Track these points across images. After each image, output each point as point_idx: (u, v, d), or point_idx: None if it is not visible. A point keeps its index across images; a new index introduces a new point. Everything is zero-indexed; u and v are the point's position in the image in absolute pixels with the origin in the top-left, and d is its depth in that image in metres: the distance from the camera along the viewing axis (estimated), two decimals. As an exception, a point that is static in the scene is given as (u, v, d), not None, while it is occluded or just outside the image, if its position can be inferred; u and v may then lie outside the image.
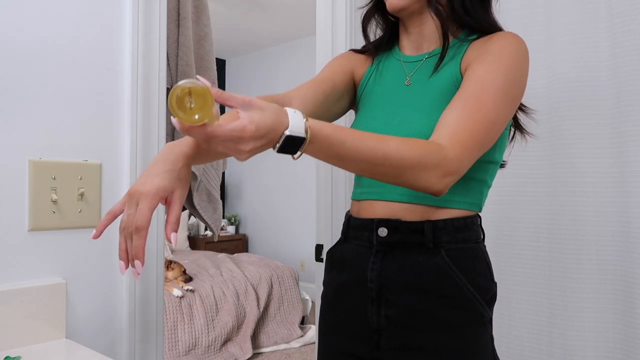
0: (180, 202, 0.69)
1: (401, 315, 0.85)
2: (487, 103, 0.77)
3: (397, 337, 0.85)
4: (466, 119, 0.76)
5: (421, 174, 0.71)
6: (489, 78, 0.79)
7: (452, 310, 0.83)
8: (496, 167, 0.90)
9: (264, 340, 3.42)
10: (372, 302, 0.87)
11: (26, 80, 0.95)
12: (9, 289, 0.90)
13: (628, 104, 1.25)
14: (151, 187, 0.66)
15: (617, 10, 1.27)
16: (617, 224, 1.27)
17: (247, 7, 4.22)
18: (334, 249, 0.98)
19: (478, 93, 0.78)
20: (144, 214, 0.65)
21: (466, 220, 0.85)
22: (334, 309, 0.95)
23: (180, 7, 1.41)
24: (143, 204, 0.66)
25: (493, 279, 0.89)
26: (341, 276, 0.94)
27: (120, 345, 1.07)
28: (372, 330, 0.87)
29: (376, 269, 0.86)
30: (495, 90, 0.78)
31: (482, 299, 0.84)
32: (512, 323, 1.44)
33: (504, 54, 0.81)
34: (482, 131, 0.76)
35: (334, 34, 1.57)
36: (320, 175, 1.60)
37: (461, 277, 0.83)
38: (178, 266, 3.44)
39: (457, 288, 0.83)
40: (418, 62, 0.93)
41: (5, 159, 0.93)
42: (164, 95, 1.14)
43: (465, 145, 0.74)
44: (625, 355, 1.26)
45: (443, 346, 0.82)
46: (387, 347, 0.86)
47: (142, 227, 0.65)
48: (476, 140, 0.76)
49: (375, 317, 0.87)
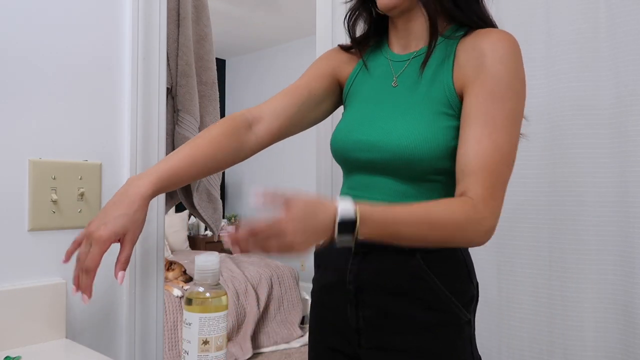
0: (132, 243, 0.76)
1: (377, 317, 0.86)
2: (502, 138, 0.78)
3: (374, 337, 0.86)
4: (489, 164, 0.76)
5: (466, 237, 0.76)
6: (496, 109, 0.78)
7: (427, 312, 0.83)
8: None
9: (264, 340, 3.42)
10: (350, 303, 0.88)
11: (26, 80, 0.95)
12: (9, 289, 0.90)
13: (628, 104, 1.25)
14: (104, 232, 0.72)
15: (617, 10, 1.27)
16: (617, 224, 1.27)
17: (247, 6, 4.22)
18: (320, 248, 0.99)
19: (491, 131, 0.77)
20: (94, 258, 0.73)
21: None
22: (320, 307, 0.97)
23: (180, 7, 1.41)
24: (95, 248, 0.72)
25: (472, 281, 0.88)
26: (325, 276, 0.96)
27: (120, 345, 1.07)
28: (353, 330, 0.89)
29: (354, 270, 0.88)
30: (504, 121, 0.78)
31: (457, 301, 0.84)
32: (512, 323, 1.44)
33: (504, 73, 0.80)
34: (506, 171, 0.78)
35: (334, 34, 1.57)
36: (320, 175, 1.60)
37: (435, 281, 0.83)
38: (178, 266, 3.44)
39: (431, 291, 0.83)
40: (405, 61, 0.91)
41: (5, 159, 0.93)
42: (164, 95, 1.14)
43: (495, 196, 0.77)
44: (625, 356, 1.26)
45: (419, 347, 0.83)
46: (366, 346, 0.88)
47: (91, 269, 0.73)
48: (503, 181, 0.78)
49: (354, 317, 0.88)
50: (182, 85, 1.39)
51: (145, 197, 0.76)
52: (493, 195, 0.76)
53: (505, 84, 0.79)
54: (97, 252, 0.72)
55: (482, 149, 0.77)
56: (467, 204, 0.74)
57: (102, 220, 0.73)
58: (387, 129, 0.85)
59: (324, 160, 1.58)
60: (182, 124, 1.39)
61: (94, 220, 0.74)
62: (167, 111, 1.36)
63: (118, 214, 0.73)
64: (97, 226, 0.73)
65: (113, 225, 0.73)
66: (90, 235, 0.73)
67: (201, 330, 0.63)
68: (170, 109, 1.39)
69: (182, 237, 4.92)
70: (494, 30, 0.85)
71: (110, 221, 0.73)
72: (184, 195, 1.48)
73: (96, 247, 0.72)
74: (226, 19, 4.50)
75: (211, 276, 0.66)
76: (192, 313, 0.64)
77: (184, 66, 1.39)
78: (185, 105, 1.39)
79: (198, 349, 0.63)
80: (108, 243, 0.73)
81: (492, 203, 0.76)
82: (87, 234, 0.74)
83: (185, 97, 1.39)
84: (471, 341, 0.87)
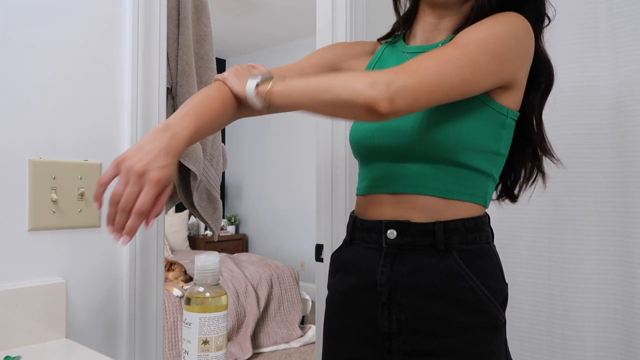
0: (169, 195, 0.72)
1: (413, 320, 0.82)
2: (451, 45, 0.73)
3: (409, 341, 0.82)
4: (430, 56, 0.72)
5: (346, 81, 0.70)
6: (466, 32, 0.76)
7: (466, 314, 0.80)
8: (502, 160, 0.87)
9: (264, 340, 3.42)
10: (382, 306, 0.84)
11: (26, 80, 0.95)
12: (9, 289, 0.90)
13: (628, 104, 1.25)
14: (158, 176, 0.67)
15: (617, 10, 1.27)
16: (617, 224, 1.27)
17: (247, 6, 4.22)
18: (338, 252, 0.96)
19: (456, 40, 0.75)
20: (150, 200, 0.66)
21: (476, 220, 0.83)
22: (341, 313, 0.92)
23: (180, 7, 1.41)
24: (151, 190, 0.66)
25: (504, 280, 0.86)
26: (348, 279, 0.91)
27: (120, 345, 1.07)
28: (383, 335, 0.84)
29: (386, 272, 0.84)
30: (469, 39, 0.74)
31: (495, 301, 0.82)
32: (512, 323, 1.44)
33: (491, 17, 0.78)
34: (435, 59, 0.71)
35: (334, 34, 1.57)
36: (320, 175, 1.60)
37: (474, 279, 0.80)
38: (179, 267, 3.44)
39: (470, 291, 0.80)
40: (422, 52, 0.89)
41: (5, 159, 0.93)
42: (164, 95, 1.14)
43: (404, 65, 0.70)
44: (625, 356, 1.26)
45: (457, 350, 0.80)
46: (398, 352, 0.83)
47: (146, 212, 0.67)
48: (422, 61, 0.71)
49: (386, 321, 0.84)
50: (182, 85, 1.39)
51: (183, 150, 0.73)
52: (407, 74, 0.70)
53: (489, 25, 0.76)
54: (153, 194, 0.66)
55: (437, 51, 0.74)
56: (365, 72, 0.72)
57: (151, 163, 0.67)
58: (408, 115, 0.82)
59: (324, 160, 1.58)
60: (182, 124, 1.39)
61: (132, 157, 0.67)
62: (167, 111, 1.36)
63: (166, 162, 0.68)
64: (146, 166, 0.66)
65: (165, 172, 0.68)
66: (138, 173, 0.66)
67: (201, 330, 0.63)
68: (170, 109, 1.39)
69: (182, 237, 4.93)
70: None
71: (162, 168, 0.67)
72: (184, 195, 1.48)
73: (152, 190, 0.66)
74: (226, 19, 4.51)
75: (211, 276, 0.66)
76: (192, 313, 0.64)
77: (184, 66, 1.39)
78: (185, 105, 1.39)
79: (198, 349, 0.63)
80: (161, 188, 0.68)
81: (393, 68, 0.71)
82: (129, 169, 0.67)
83: (185, 97, 1.39)
84: (506, 344, 0.85)
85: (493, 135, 0.82)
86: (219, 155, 1.54)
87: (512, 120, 0.85)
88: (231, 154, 5.88)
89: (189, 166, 1.37)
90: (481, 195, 0.85)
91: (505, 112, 0.83)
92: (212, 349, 0.64)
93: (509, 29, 0.77)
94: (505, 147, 0.86)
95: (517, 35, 0.78)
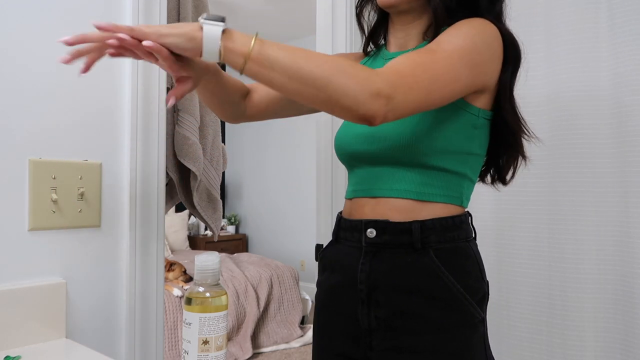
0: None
1: (391, 317, 0.84)
2: (439, 54, 0.74)
3: (387, 338, 0.85)
4: (412, 60, 0.72)
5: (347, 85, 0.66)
6: (446, 39, 0.77)
7: (442, 311, 0.82)
8: (477, 159, 0.89)
9: (264, 340, 3.42)
10: (362, 303, 0.87)
11: (26, 80, 0.95)
12: (9, 288, 0.90)
13: (628, 104, 1.25)
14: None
15: (617, 10, 1.27)
16: (617, 224, 1.27)
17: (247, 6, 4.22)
18: (326, 250, 0.99)
19: (431, 46, 0.76)
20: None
21: (454, 219, 0.85)
22: (327, 310, 0.95)
23: (180, 7, 1.41)
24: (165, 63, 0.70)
25: (484, 278, 0.88)
26: (333, 277, 0.94)
27: (120, 345, 1.07)
28: (364, 331, 0.87)
29: (365, 270, 0.86)
30: (452, 48, 0.75)
31: (472, 299, 0.84)
32: (512, 323, 1.44)
33: (465, 24, 0.80)
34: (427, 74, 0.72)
35: (334, 34, 1.57)
36: (320, 175, 1.60)
37: (450, 278, 0.82)
38: (179, 266, 3.44)
39: (446, 288, 0.82)
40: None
41: (5, 159, 0.93)
42: (164, 95, 1.14)
43: (401, 74, 0.70)
44: (625, 356, 1.26)
45: (434, 347, 0.82)
46: (378, 348, 0.86)
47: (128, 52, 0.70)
48: (418, 78, 0.71)
49: (365, 318, 0.87)
50: (182, 85, 1.39)
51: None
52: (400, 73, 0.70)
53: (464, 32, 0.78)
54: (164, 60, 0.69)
55: (415, 54, 0.74)
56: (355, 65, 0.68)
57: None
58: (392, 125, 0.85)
59: (324, 160, 1.58)
60: (182, 124, 1.39)
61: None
62: (167, 111, 1.36)
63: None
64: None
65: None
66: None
67: (201, 330, 0.64)
68: (170, 109, 1.39)
69: (182, 237, 4.93)
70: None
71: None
72: (184, 195, 1.48)
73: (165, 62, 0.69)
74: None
75: (211, 276, 0.66)
76: (192, 313, 0.64)
77: (184, 66, 1.39)
78: (185, 105, 1.39)
79: (198, 349, 0.63)
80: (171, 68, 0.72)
81: (393, 75, 0.70)
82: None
83: (185, 97, 1.39)
84: (484, 340, 0.86)
85: (465, 137, 0.85)
86: (219, 155, 1.54)
87: (484, 120, 0.87)
88: (231, 154, 5.89)
89: (189, 166, 1.37)
90: (456, 195, 0.87)
91: (477, 113, 0.85)
92: (212, 349, 0.64)
93: (483, 38, 0.79)
94: (480, 146, 0.88)
95: (491, 44, 0.80)
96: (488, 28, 0.81)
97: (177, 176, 1.42)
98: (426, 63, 0.73)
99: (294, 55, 0.68)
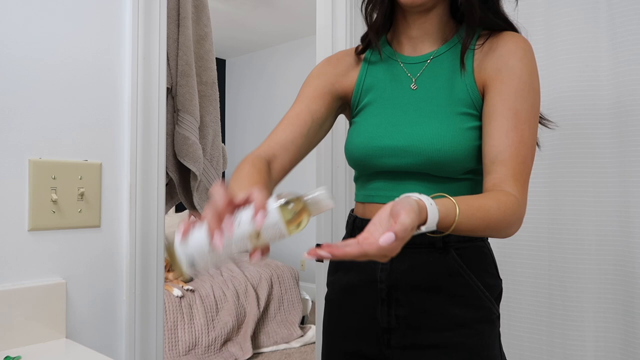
0: None
1: (412, 315, 0.86)
2: (526, 131, 0.81)
3: (408, 335, 0.86)
4: (517, 155, 0.80)
5: (510, 231, 0.78)
6: (519, 105, 0.82)
7: (464, 308, 0.84)
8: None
9: (264, 340, 3.42)
10: (382, 302, 0.88)
11: (26, 80, 0.95)
12: (9, 289, 0.90)
13: (628, 104, 1.25)
14: None
15: (617, 10, 1.27)
16: (617, 224, 1.27)
17: (249, 6, 4.22)
18: None
19: (516, 124, 0.81)
20: None
21: None
22: (341, 310, 0.95)
23: (180, 7, 1.41)
24: None
25: (499, 276, 0.91)
26: (348, 276, 0.93)
27: (120, 345, 1.07)
28: (382, 330, 0.88)
29: (386, 269, 0.87)
30: (527, 116, 0.82)
31: (491, 296, 0.86)
32: (512, 323, 1.44)
33: (524, 71, 0.83)
34: (530, 163, 0.82)
35: (334, 34, 1.57)
36: (320, 175, 1.60)
37: (471, 276, 0.85)
38: (178, 266, 3.43)
39: (468, 287, 0.84)
40: (422, 63, 0.90)
41: (5, 159, 0.93)
42: (164, 95, 1.14)
43: (525, 189, 0.81)
44: (625, 356, 1.26)
45: (454, 343, 0.84)
46: (397, 346, 0.87)
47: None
48: (528, 173, 0.82)
49: (385, 317, 0.87)
50: (182, 85, 1.39)
51: None
52: (524, 187, 0.80)
53: (525, 82, 0.83)
54: None
55: (510, 140, 0.80)
56: (512, 200, 0.76)
57: None
58: (416, 134, 0.85)
59: (324, 160, 1.58)
60: (182, 124, 1.39)
61: None
62: (167, 111, 1.36)
63: None
64: None
65: None
66: None
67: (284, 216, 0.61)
68: (170, 109, 1.39)
69: (182, 237, 4.91)
70: (509, 32, 0.88)
71: None
72: (184, 195, 1.48)
73: None
74: (226, 19, 4.51)
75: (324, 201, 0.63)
76: None
77: (184, 66, 1.39)
78: (185, 105, 1.39)
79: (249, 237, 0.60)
80: None
81: (525, 197, 0.80)
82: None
83: (185, 97, 1.39)
84: (499, 337, 0.89)
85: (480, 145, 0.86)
86: (219, 155, 1.54)
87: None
88: (231, 154, 5.89)
89: (189, 166, 1.37)
90: None
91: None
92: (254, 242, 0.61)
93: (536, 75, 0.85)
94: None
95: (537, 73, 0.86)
96: (532, 55, 0.85)
97: (177, 176, 1.42)
98: (527, 154, 0.81)
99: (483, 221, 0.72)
